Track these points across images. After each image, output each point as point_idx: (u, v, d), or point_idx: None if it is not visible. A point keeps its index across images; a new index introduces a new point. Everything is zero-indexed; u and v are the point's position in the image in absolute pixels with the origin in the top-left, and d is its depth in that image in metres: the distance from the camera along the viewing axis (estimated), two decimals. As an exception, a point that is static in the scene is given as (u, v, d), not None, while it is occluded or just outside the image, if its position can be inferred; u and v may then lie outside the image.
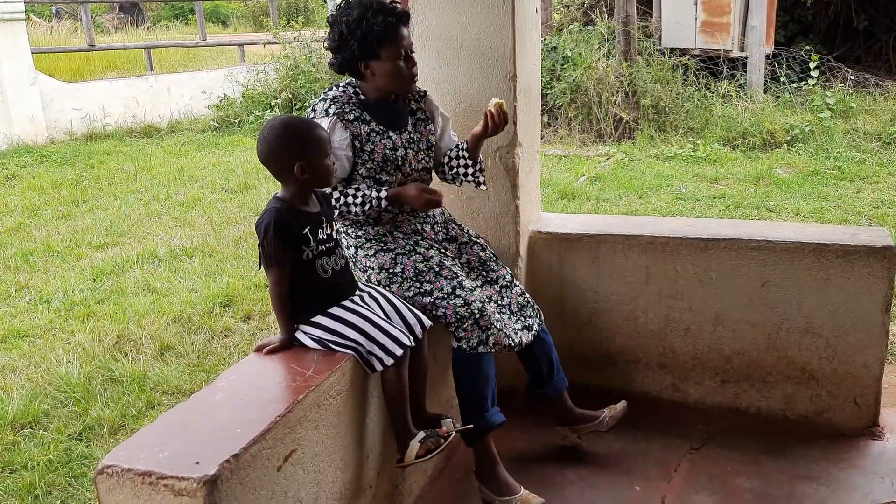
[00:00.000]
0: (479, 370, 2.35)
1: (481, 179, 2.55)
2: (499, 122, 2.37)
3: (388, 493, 2.30)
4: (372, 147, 2.38)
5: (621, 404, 2.69)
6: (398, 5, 2.37)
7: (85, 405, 3.31)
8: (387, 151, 2.40)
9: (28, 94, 9.38)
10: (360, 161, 2.39)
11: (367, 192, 2.35)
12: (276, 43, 11.40)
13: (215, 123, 10.10)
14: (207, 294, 4.48)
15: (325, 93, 2.44)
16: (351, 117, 2.38)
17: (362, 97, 2.42)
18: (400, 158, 2.42)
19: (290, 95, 10.08)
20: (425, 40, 2.81)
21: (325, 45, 2.44)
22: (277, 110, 9.90)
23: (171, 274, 4.90)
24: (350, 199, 2.34)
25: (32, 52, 9.62)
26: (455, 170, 2.55)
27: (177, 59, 13.70)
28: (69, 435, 3.11)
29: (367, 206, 2.34)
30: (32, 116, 9.40)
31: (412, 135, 2.47)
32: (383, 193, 2.34)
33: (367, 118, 2.40)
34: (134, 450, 1.67)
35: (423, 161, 2.49)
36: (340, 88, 2.42)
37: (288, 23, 14.10)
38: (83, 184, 7.40)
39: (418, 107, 2.54)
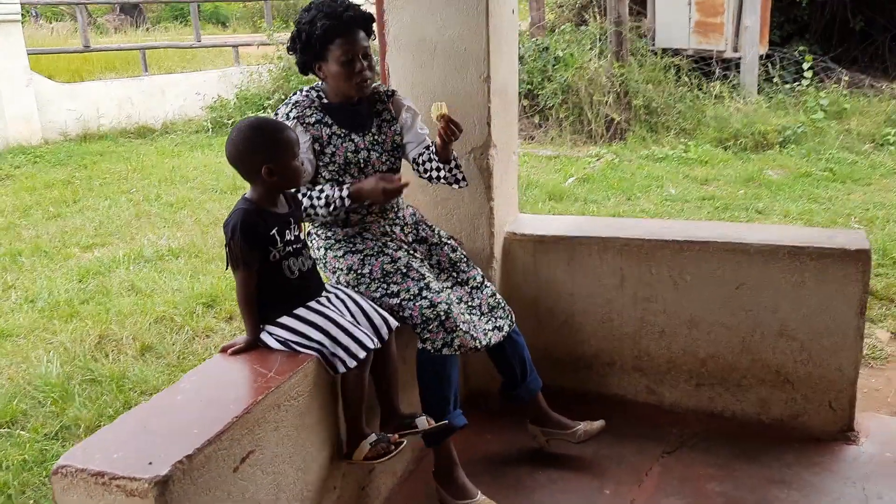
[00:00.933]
0: (443, 371, 2.34)
1: (459, 177, 2.49)
2: (448, 132, 2.31)
3: (353, 495, 2.30)
4: (333, 150, 2.39)
5: (599, 423, 2.64)
6: (354, 9, 2.35)
7: (63, 405, 3.30)
8: (348, 154, 2.40)
9: (23, 95, 9.38)
10: (322, 164, 2.39)
11: (329, 192, 2.33)
12: (269, 44, 11.41)
13: (208, 124, 10.11)
14: (191, 294, 4.47)
15: (289, 97, 2.46)
16: (312, 120, 2.38)
17: (325, 100, 2.43)
18: (362, 161, 2.42)
19: (283, 97, 10.09)
20: (400, 42, 2.81)
21: (287, 47, 2.46)
22: (270, 111, 9.90)
23: (156, 274, 4.89)
24: (315, 202, 2.33)
25: (28, 53, 9.63)
26: (429, 172, 2.51)
27: (174, 60, 13.70)
28: (45, 434, 3.11)
29: (332, 207, 2.31)
30: (27, 117, 9.40)
31: (376, 136, 2.47)
32: (345, 192, 2.31)
33: (329, 121, 2.40)
34: (90, 450, 1.68)
35: (388, 162, 2.48)
36: (304, 93, 2.43)
37: (285, 24, 14.10)
38: (74, 184, 7.40)
39: (384, 108, 2.53)
